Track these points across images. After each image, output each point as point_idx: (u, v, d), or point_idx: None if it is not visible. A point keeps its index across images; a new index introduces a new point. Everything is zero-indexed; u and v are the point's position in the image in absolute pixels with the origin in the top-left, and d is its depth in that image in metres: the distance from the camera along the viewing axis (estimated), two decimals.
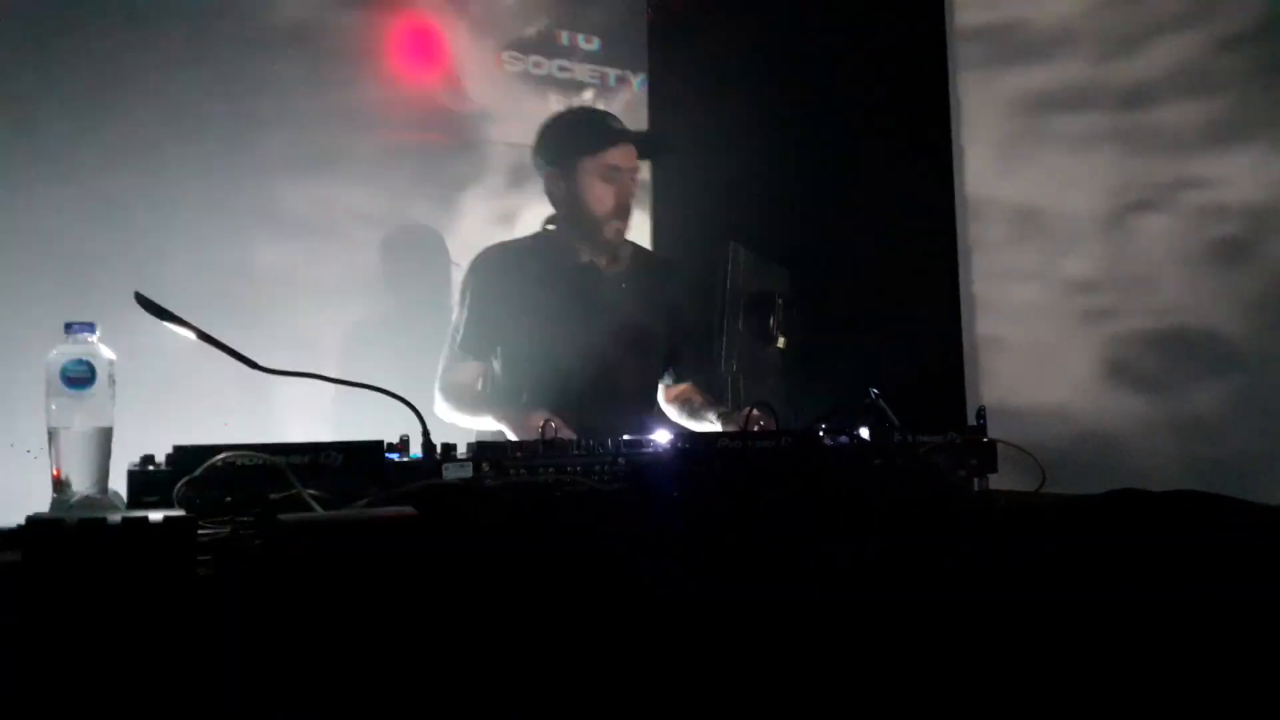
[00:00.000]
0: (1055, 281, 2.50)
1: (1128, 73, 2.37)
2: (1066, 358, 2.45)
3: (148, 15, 2.71)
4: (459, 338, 2.46)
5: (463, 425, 2.38)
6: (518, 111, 3.24)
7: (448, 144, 3.22)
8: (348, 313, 3.00)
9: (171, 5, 2.77)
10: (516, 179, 3.26)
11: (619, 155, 2.41)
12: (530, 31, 3.44)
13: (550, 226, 2.52)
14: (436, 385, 2.44)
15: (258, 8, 2.91)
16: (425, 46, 3.20)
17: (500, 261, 2.49)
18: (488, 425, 2.35)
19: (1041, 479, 1.62)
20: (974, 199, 2.61)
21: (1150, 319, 2.30)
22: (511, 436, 2.18)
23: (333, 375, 1.65)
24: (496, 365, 2.47)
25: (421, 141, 3.17)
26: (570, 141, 2.44)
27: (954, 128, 2.63)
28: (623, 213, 2.44)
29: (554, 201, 2.49)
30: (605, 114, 2.55)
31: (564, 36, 3.51)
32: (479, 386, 2.48)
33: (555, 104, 3.37)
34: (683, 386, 2.59)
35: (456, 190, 3.22)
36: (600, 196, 2.40)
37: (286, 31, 2.92)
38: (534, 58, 3.42)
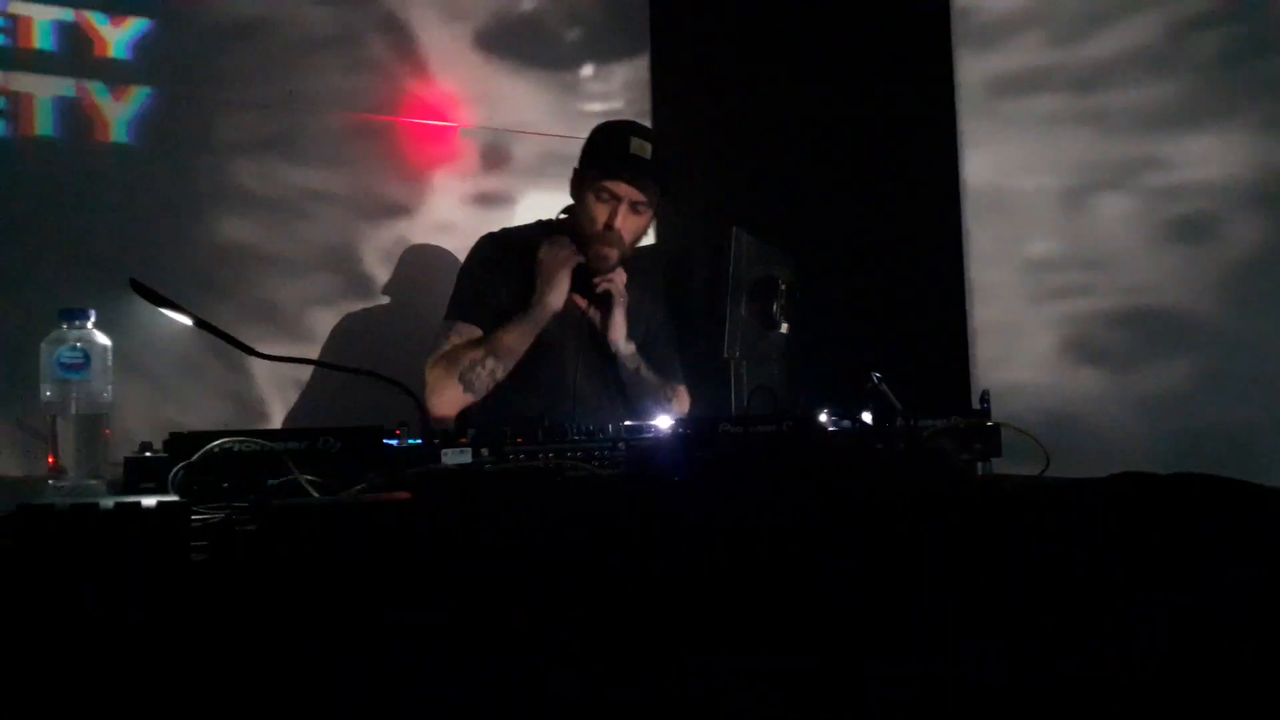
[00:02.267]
0: (1017, 262, 2.52)
1: (1086, 55, 2.39)
2: (1030, 337, 2.47)
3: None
4: (461, 309, 2.43)
5: (461, 400, 2.33)
6: (495, 93, 3.25)
7: (419, 127, 3.18)
8: (319, 294, 3.02)
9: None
10: (491, 161, 3.26)
11: (622, 186, 2.37)
12: (520, 10, 3.41)
13: (562, 216, 2.51)
14: (430, 364, 2.37)
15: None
16: (396, 33, 3.18)
17: (501, 248, 2.50)
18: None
19: (1045, 463, 1.60)
20: (975, 182, 2.60)
21: (1114, 298, 2.33)
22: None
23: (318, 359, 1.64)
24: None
25: (389, 124, 3.14)
26: (590, 152, 2.44)
27: (957, 109, 2.60)
28: (612, 240, 2.39)
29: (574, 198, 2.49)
30: (634, 137, 2.40)
31: (556, 15, 3.47)
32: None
33: (538, 85, 3.37)
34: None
35: (425, 170, 3.18)
36: (594, 215, 2.39)
37: (246, 22, 2.93)
38: (521, 39, 3.38)
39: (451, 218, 3.16)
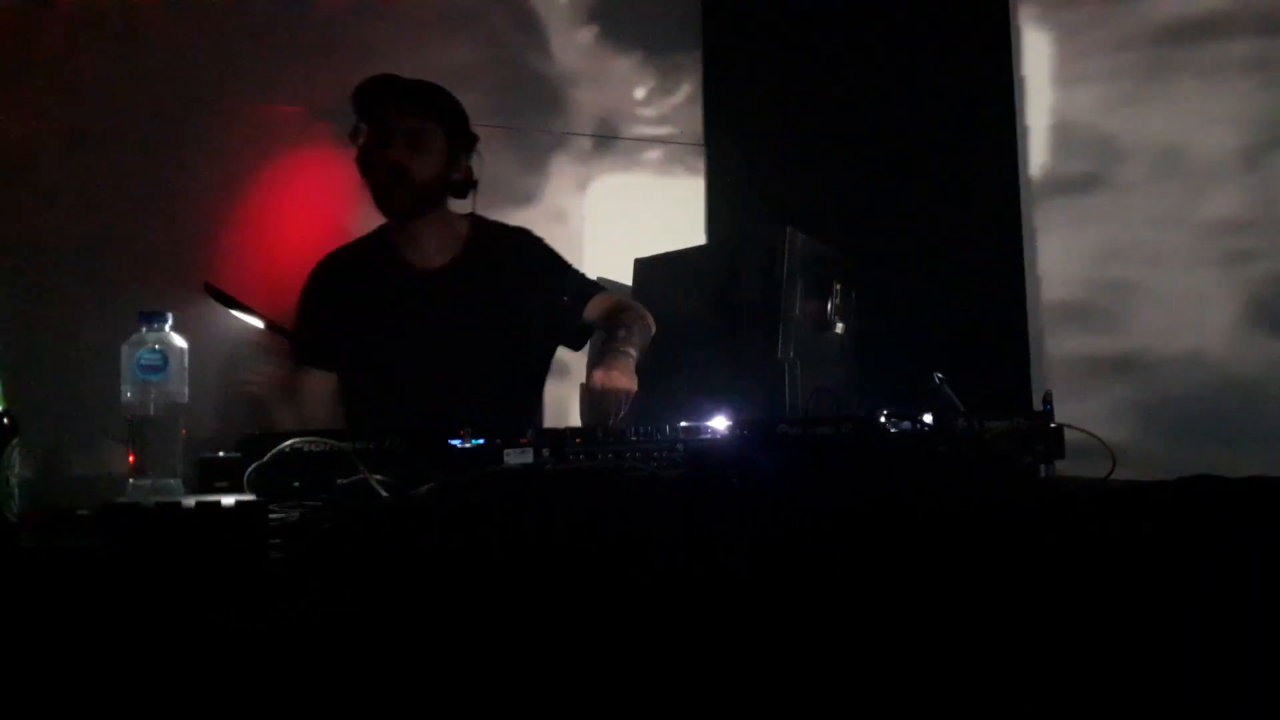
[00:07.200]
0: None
1: None
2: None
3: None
4: (308, 352, 2.16)
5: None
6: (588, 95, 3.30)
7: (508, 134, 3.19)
8: None
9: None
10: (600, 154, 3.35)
11: (389, 113, 2.11)
12: (583, 19, 3.43)
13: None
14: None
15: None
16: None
17: (332, 273, 2.26)
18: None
19: (1111, 465, 1.57)
20: (1037, 179, 2.54)
21: None
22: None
23: None
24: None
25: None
26: (356, 107, 2.14)
27: (1017, 106, 2.57)
28: (396, 177, 2.10)
29: None
30: (393, 80, 2.17)
31: (616, 23, 3.49)
32: (327, 396, 2.17)
33: (608, 95, 3.40)
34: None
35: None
36: (375, 162, 2.12)
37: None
38: (586, 46, 3.42)
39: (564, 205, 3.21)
